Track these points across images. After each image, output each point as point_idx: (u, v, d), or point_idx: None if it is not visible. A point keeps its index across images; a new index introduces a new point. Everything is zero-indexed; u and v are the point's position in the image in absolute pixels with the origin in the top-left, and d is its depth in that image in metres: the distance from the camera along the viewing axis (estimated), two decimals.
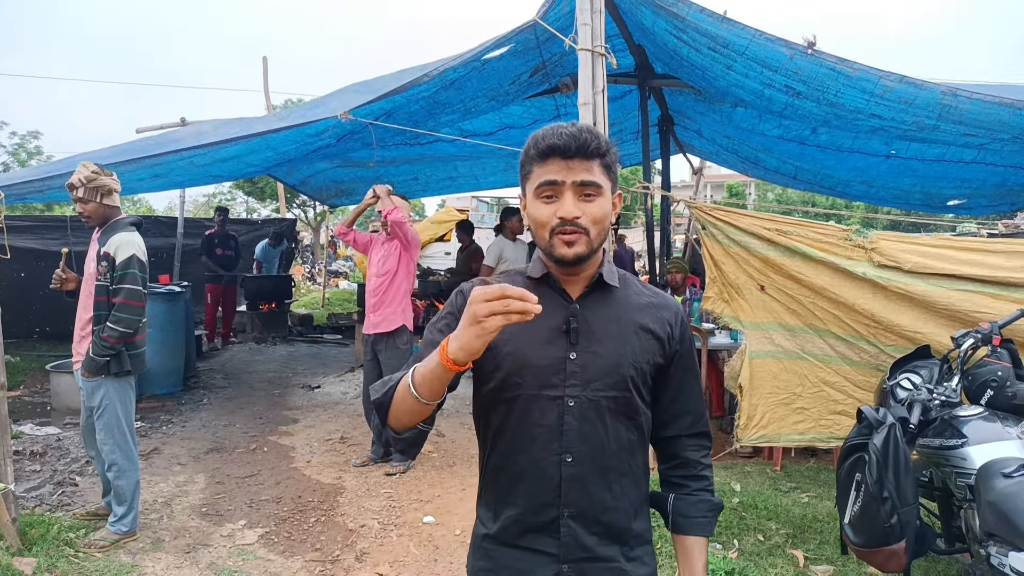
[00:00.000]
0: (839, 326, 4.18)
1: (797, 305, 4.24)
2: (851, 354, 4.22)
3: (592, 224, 1.31)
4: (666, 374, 1.44)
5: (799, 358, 4.29)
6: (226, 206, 13.02)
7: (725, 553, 3.49)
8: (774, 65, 4.09)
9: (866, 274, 4.00)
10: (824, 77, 4.00)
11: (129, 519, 3.70)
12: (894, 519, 2.43)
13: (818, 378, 4.28)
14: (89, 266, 3.62)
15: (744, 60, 4.14)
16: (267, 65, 14.99)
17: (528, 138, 1.36)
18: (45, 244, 8.97)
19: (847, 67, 3.76)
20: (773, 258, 4.19)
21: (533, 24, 4.02)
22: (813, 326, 4.24)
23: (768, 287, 4.25)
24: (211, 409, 6.48)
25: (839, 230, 4.07)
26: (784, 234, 4.13)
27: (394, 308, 4.88)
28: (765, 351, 4.34)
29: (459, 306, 1.37)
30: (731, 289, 4.33)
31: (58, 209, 15.65)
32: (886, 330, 4.07)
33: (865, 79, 3.83)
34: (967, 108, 3.87)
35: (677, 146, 8.14)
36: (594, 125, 3.32)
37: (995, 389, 2.84)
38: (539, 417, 1.35)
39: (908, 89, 3.82)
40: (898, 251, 3.94)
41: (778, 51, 3.88)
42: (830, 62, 3.76)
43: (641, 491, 1.44)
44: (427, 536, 3.88)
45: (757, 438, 4.36)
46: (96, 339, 3.50)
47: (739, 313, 4.35)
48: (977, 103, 3.81)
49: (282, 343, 10.22)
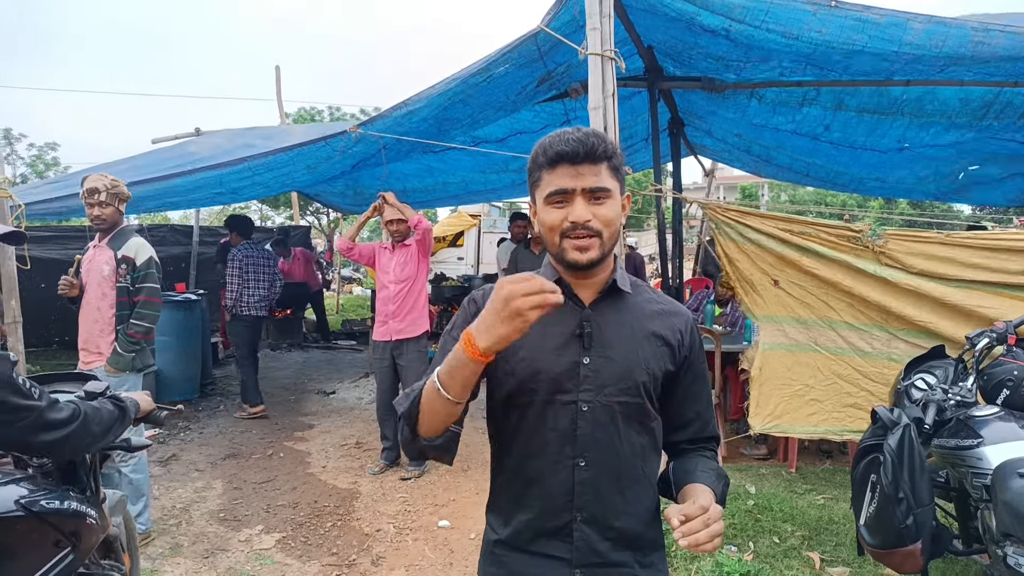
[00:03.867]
0: (852, 315, 4.31)
1: (811, 298, 4.36)
2: (863, 344, 4.34)
3: (604, 227, 1.31)
4: (676, 380, 1.44)
5: (811, 350, 4.40)
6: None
7: (740, 555, 3.47)
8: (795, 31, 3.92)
9: (875, 272, 4.16)
10: (850, 31, 3.81)
11: (145, 517, 3.79)
12: (910, 520, 2.42)
13: (831, 371, 4.38)
14: (102, 270, 3.72)
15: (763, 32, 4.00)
16: (280, 74, 15.10)
17: (535, 145, 1.36)
18: (65, 254, 9.10)
19: (873, 14, 3.62)
20: (786, 254, 4.31)
21: (535, 34, 4.03)
22: (826, 318, 4.36)
23: (782, 282, 4.38)
24: (228, 415, 6.53)
25: (849, 231, 4.19)
26: (795, 234, 4.26)
27: (417, 314, 4.92)
28: (778, 343, 4.45)
29: (472, 314, 1.38)
30: (745, 284, 4.47)
31: (76, 220, 15.83)
32: (897, 318, 4.21)
33: (894, 23, 3.66)
34: (1001, 44, 3.66)
35: (688, 148, 8.12)
36: (604, 130, 3.35)
37: (1011, 388, 2.82)
38: (553, 422, 1.36)
39: (938, 29, 3.65)
40: (905, 254, 4.11)
41: (801, 9, 3.71)
42: (856, 11, 3.61)
43: (654, 496, 1.45)
44: (442, 540, 3.90)
45: (770, 427, 4.49)
46: (122, 336, 3.68)
47: (753, 307, 4.49)
48: (1011, 35, 3.61)
49: (297, 349, 10.28)
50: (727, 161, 9.47)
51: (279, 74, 15.09)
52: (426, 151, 7.11)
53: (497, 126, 6.52)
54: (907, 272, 4.13)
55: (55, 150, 22.07)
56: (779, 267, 4.37)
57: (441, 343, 1.43)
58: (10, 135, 21.96)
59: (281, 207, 22.90)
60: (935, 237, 4.18)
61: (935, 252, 4.10)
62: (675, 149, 7.09)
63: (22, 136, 22.05)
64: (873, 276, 4.18)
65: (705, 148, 8.67)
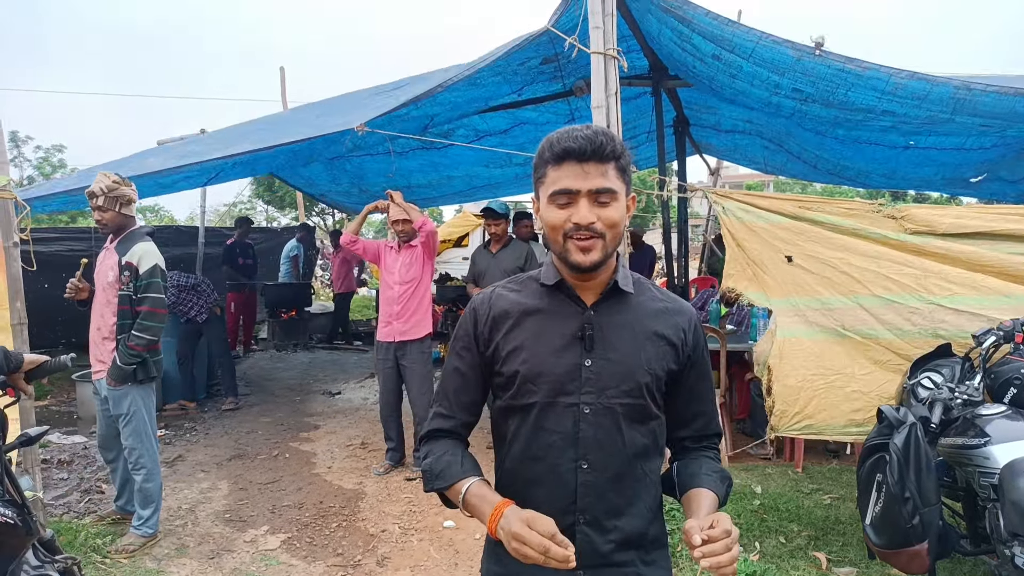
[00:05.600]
0: (883, 286, 3.64)
1: (831, 271, 3.76)
2: (900, 321, 3.64)
3: (607, 228, 1.30)
4: (679, 379, 1.43)
5: (840, 336, 3.77)
6: (248, 216, 13.18)
7: (747, 555, 3.46)
8: (781, 68, 4.03)
9: (902, 238, 3.64)
10: (833, 77, 3.93)
11: (154, 520, 3.79)
12: (916, 520, 2.42)
13: (867, 358, 3.75)
14: (108, 275, 3.67)
15: (751, 64, 4.08)
16: (284, 74, 15.17)
17: (543, 140, 1.35)
18: (70, 255, 9.15)
19: (856, 66, 3.69)
20: (799, 226, 3.81)
21: (546, 30, 4.03)
22: (853, 293, 3.72)
23: (797, 256, 3.82)
24: (233, 416, 6.55)
25: (867, 204, 3.75)
26: (809, 209, 3.83)
27: (421, 315, 4.90)
28: (799, 330, 3.84)
29: (472, 324, 1.43)
30: (755, 266, 3.92)
31: (83, 221, 15.92)
32: (938, 277, 3.55)
33: (876, 76, 3.74)
34: (982, 100, 3.75)
35: (693, 147, 8.09)
36: (608, 128, 3.33)
37: (1019, 387, 2.80)
38: (555, 424, 1.35)
39: (920, 85, 3.73)
40: (929, 215, 3.61)
41: (785, 53, 3.82)
42: (839, 63, 3.70)
43: (656, 496, 1.44)
44: (447, 540, 3.90)
45: (800, 428, 3.80)
46: (122, 348, 3.57)
47: (765, 290, 3.90)
48: (993, 95, 3.68)
49: (302, 350, 10.31)
50: (733, 158, 9.41)
51: (284, 75, 15.17)
52: (429, 147, 7.11)
53: (500, 118, 6.51)
54: (934, 235, 3.58)
55: (62, 152, 22.18)
56: (791, 240, 3.82)
57: (447, 361, 1.49)
58: (17, 137, 22.08)
59: (287, 207, 22.97)
60: (956, 209, 3.82)
61: (962, 216, 3.61)
62: (680, 147, 7.07)
63: (29, 138, 22.15)
64: (898, 242, 3.63)
65: (711, 146, 8.64)
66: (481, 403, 1.48)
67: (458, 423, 1.46)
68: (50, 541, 2.13)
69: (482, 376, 1.44)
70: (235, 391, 7.00)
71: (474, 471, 1.36)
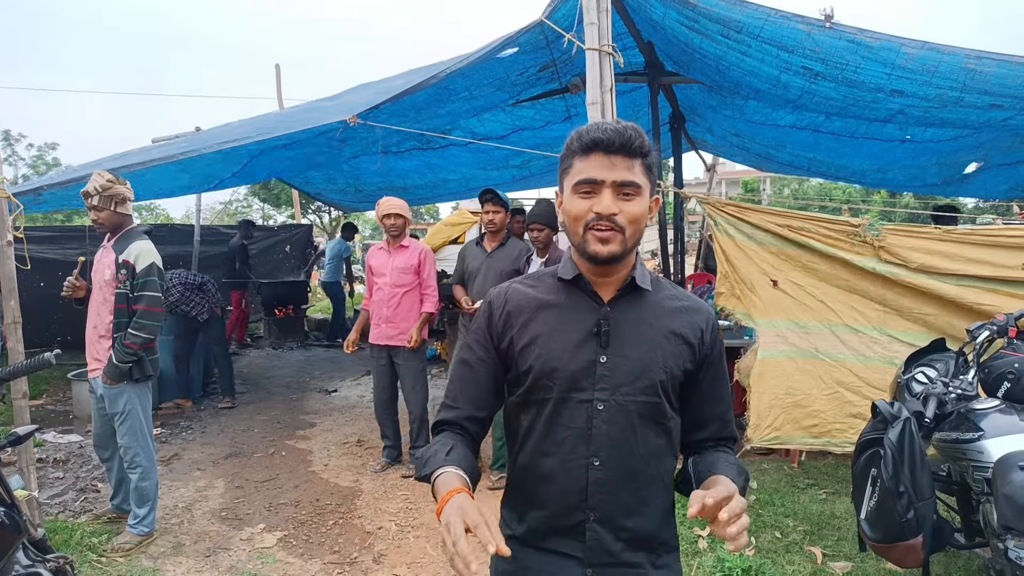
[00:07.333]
0: (852, 317, 4.20)
1: (810, 299, 4.23)
2: (863, 348, 4.20)
3: (628, 223, 1.29)
4: (696, 379, 1.41)
5: (813, 357, 4.26)
6: (250, 218, 13.19)
7: (742, 551, 3.47)
8: (791, 45, 3.96)
9: (875, 269, 4.09)
10: (843, 51, 3.86)
11: (150, 519, 3.79)
12: (910, 514, 2.42)
13: (833, 379, 4.25)
14: (104, 273, 3.65)
15: (759, 43, 4.03)
16: (280, 73, 15.11)
17: (571, 132, 1.34)
18: (64, 254, 9.13)
19: (867, 37, 3.64)
20: (786, 251, 4.21)
21: (540, 23, 4.02)
22: (827, 321, 4.23)
23: (781, 282, 4.24)
24: (230, 414, 6.54)
25: (848, 226, 4.11)
26: (795, 230, 4.17)
27: (411, 323, 4.78)
28: (779, 350, 4.29)
29: (485, 317, 1.43)
30: (743, 286, 4.29)
31: (78, 220, 15.89)
32: (896, 313, 4.12)
33: (887, 47, 3.69)
34: (993, 72, 3.68)
35: (689, 143, 8.10)
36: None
37: (1012, 381, 2.80)
38: (568, 420, 1.34)
39: (931, 55, 3.67)
40: (905, 249, 4.04)
41: (795, 28, 3.76)
42: (849, 33, 3.64)
43: (669, 497, 1.42)
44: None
45: (770, 439, 4.34)
46: (119, 346, 3.55)
47: (751, 310, 4.30)
48: (1004, 65, 3.64)
49: (299, 348, 10.30)
50: (728, 156, 9.45)
51: (279, 73, 15.11)
52: (426, 148, 7.09)
53: (498, 123, 6.49)
54: (907, 268, 4.07)
55: (55, 150, 22.18)
56: (778, 265, 4.25)
57: (458, 352, 1.47)
58: (9, 136, 22.04)
59: (283, 205, 22.94)
60: (934, 232, 4.15)
61: (934, 247, 4.05)
62: (676, 144, 7.07)
63: (21, 136, 22.12)
64: (873, 273, 4.12)
65: (707, 143, 8.65)
66: (490, 397, 1.44)
67: (462, 414, 1.42)
68: (41, 540, 2.13)
69: (492, 370, 1.43)
70: (232, 392, 6.97)
71: (457, 462, 1.29)
